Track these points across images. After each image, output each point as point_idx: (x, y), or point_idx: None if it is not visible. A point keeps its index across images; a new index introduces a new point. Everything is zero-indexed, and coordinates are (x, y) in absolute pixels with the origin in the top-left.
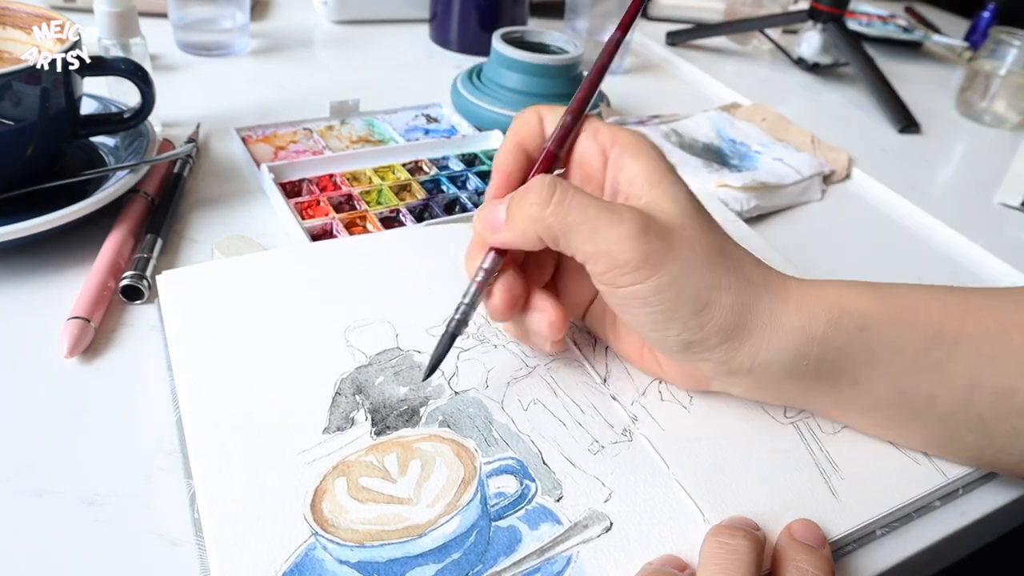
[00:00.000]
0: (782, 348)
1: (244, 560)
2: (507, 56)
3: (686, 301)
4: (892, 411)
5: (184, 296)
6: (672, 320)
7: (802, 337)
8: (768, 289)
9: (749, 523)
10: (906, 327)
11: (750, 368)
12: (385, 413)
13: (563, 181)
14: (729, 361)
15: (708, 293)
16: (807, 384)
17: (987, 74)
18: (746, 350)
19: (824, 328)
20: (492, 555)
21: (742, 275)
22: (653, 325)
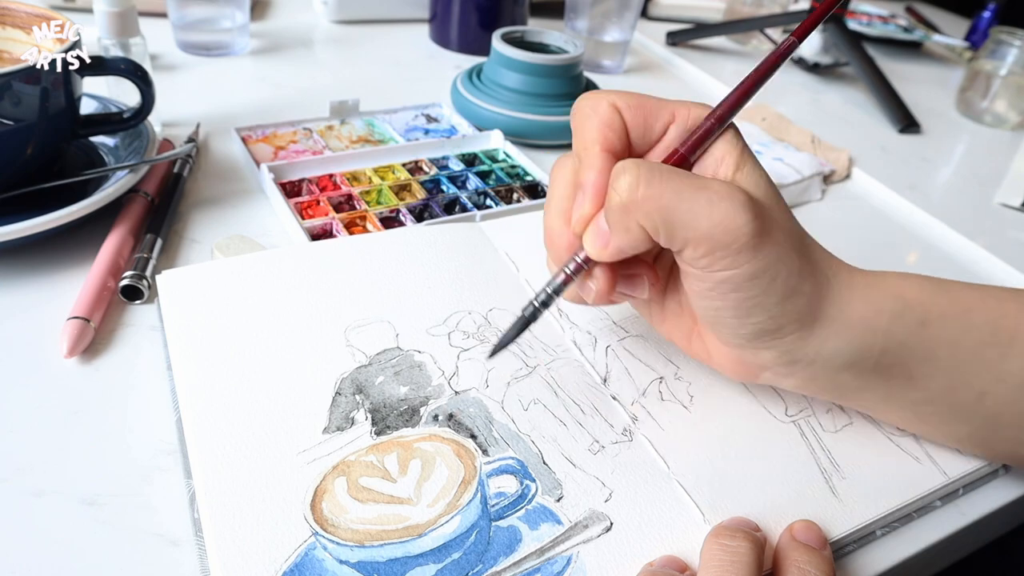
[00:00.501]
0: (849, 339)
1: (244, 560)
2: (507, 56)
3: (777, 287)
4: (940, 407)
5: (184, 296)
6: (758, 307)
7: (868, 329)
8: (838, 279)
9: (749, 524)
10: (964, 323)
11: (813, 359)
12: (385, 413)
13: (645, 162)
14: (795, 351)
15: (795, 280)
16: (864, 377)
17: (988, 74)
18: (815, 340)
19: (888, 321)
20: (492, 555)
21: (816, 262)
22: (736, 312)
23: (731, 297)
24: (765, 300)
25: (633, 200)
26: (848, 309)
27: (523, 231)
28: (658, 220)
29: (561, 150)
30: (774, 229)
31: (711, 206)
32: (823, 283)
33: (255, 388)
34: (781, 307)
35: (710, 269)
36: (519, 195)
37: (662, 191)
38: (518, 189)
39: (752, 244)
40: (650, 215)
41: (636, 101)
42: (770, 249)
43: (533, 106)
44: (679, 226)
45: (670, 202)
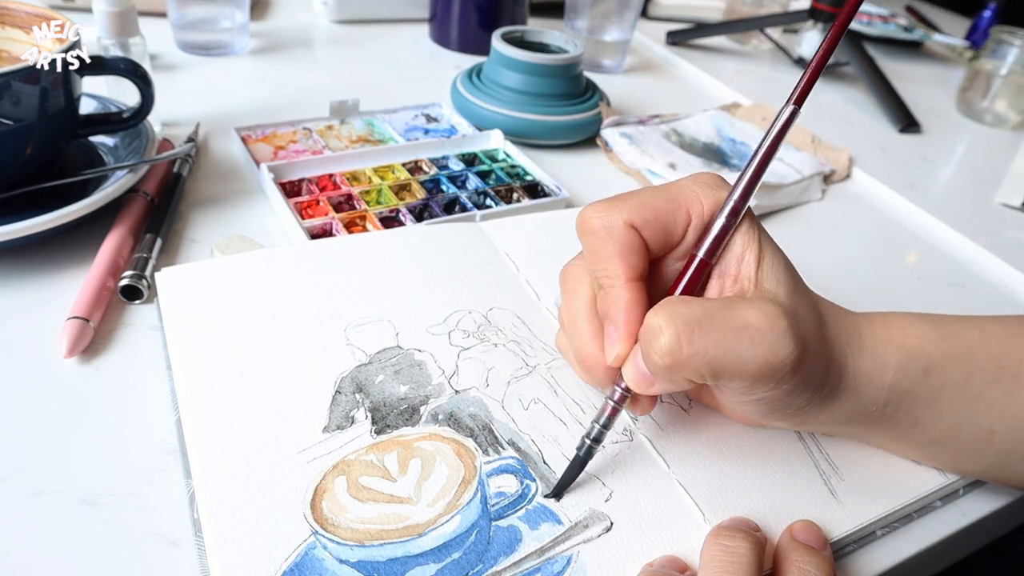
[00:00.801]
0: (856, 400)
1: (244, 560)
2: (507, 56)
3: (806, 393)
4: (949, 447)
5: (183, 295)
6: (789, 407)
7: (873, 386)
8: (847, 342)
9: (750, 524)
10: (968, 365)
11: (823, 421)
12: (385, 412)
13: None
14: (807, 422)
15: (820, 380)
16: (869, 426)
17: (988, 74)
18: (827, 411)
19: (893, 375)
20: (492, 555)
21: (829, 337)
22: (763, 414)
23: (763, 404)
24: (794, 402)
25: (678, 360)
26: (856, 375)
27: (523, 231)
28: (706, 373)
29: (561, 149)
30: (810, 341)
31: (755, 347)
32: (835, 356)
33: (255, 387)
34: (807, 399)
35: (749, 393)
36: (519, 195)
37: (705, 346)
38: (518, 189)
39: (794, 370)
40: (697, 370)
41: (651, 214)
42: (807, 366)
43: (533, 106)
44: (726, 374)
45: (715, 355)
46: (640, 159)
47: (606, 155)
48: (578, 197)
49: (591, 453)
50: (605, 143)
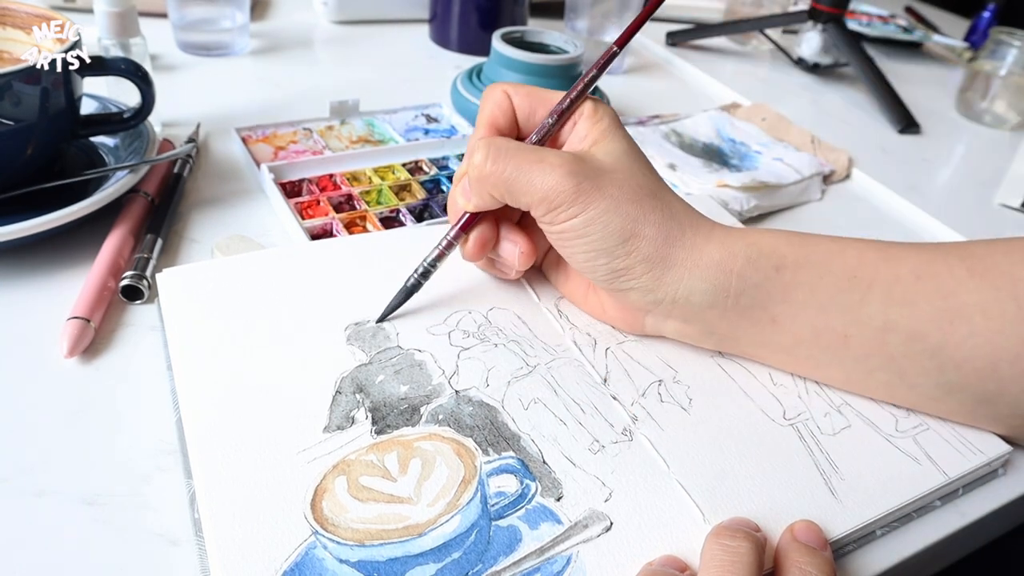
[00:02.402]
0: (703, 278)
1: (244, 560)
2: (507, 56)
3: (612, 232)
4: (810, 349)
5: (184, 295)
6: (600, 250)
7: (721, 270)
8: (693, 227)
9: (750, 524)
10: (821, 269)
11: (674, 298)
12: (385, 412)
13: (496, 139)
14: (655, 289)
15: (632, 225)
16: (730, 319)
17: (987, 74)
18: (670, 278)
19: (742, 264)
20: (492, 554)
21: (669, 213)
22: (585, 256)
23: (577, 243)
24: (604, 244)
25: (483, 173)
26: (699, 252)
27: None
28: (503, 189)
29: None
30: (608, 186)
31: (543, 175)
32: (673, 230)
33: (255, 387)
34: (622, 248)
35: (553, 223)
36: None
37: (505, 166)
38: None
39: (580, 200)
40: (496, 185)
41: (526, 91)
42: (599, 203)
43: None
44: (520, 193)
45: (511, 175)
46: None
47: None
48: None
49: (417, 287)
50: None
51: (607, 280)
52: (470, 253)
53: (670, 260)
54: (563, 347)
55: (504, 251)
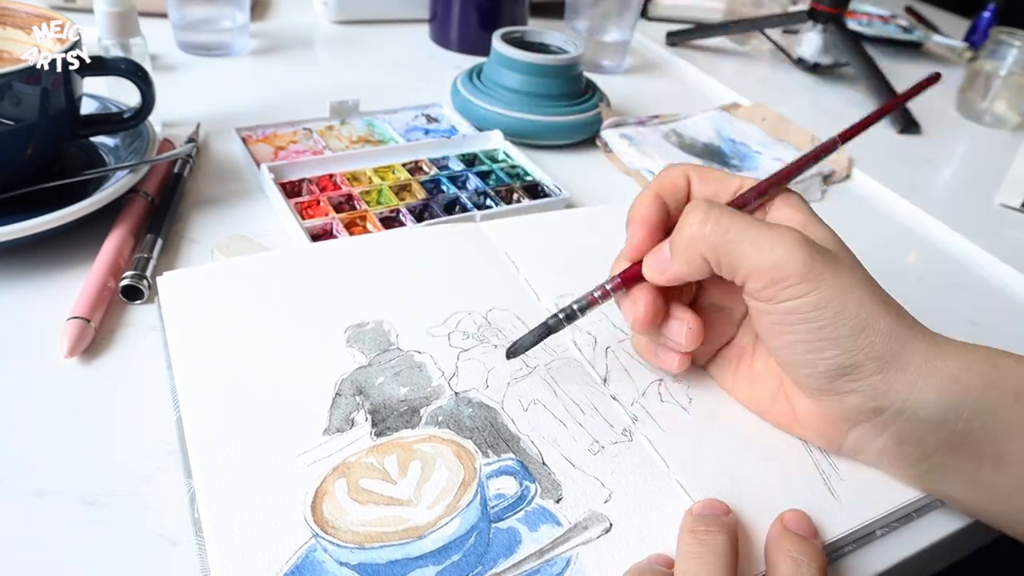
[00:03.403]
0: (937, 390)
1: (244, 560)
2: (507, 56)
3: (846, 319)
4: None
5: (184, 297)
6: (828, 340)
7: (959, 385)
8: (921, 331)
9: (719, 508)
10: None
11: (901, 408)
12: (385, 414)
13: (717, 203)
14: (882, 396)
15: (867, 315)
16: (951, 446)
17: (987, 74)
18: (901, 384)
19: (980, 383)
20: (492, 557)
21: (896, 308)
22: (807, 345)
23: (800, 329)
24: (835, 332)
25: (701, 232)
26: (934, 360)
27: (523, 231)
28: (721, 252)
29: (561, 150)
30: (839, 266)
31: (772, 242)
32: (902, 328)
33: (255, 389)
34: (854, 341)
35: (775, 300)
36: (519, 195)
37: (729, 227)
38: (518, 189)
39: (813, 275)
40: (714, 247)
41: (711, 175)
42: (833, 280)
43: (533, 106)
44: (741, 258)
45: (734, 237)
46: (640, 160)
47: (606, 156)
48: (578, 197)
49: (557, 327)
50: (605, 144)
51: (826, 379)
52: (641, 320)
53: (902, 363)
54: (563, 347)
55: (671, 329)
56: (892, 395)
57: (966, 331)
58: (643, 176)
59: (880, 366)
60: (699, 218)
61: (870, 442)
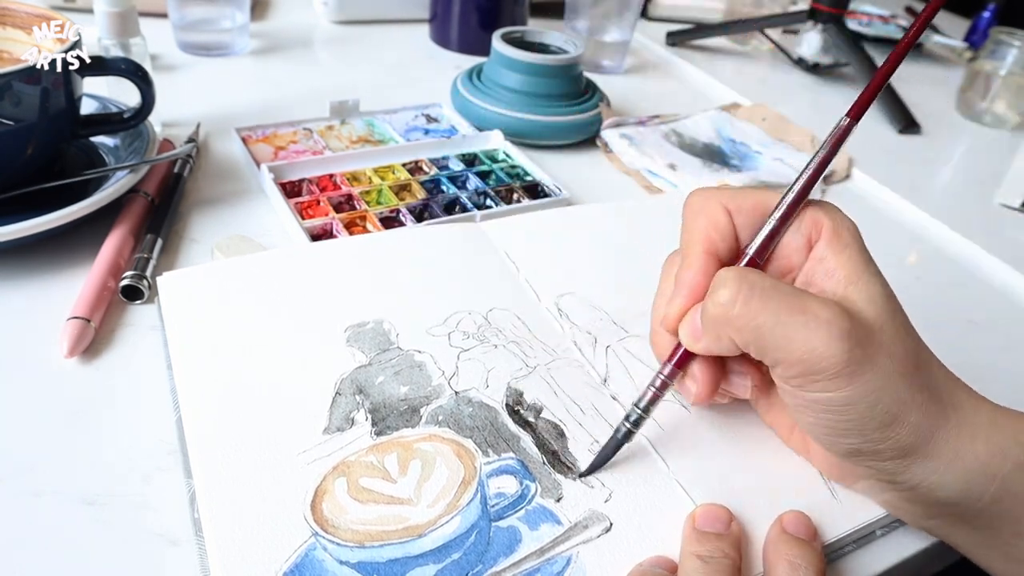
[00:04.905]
0: (959, 477)
1: (244, 560)
2: (507, 56)
3: (875, 416)
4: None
5: (184, 296)
6: (853, 431)
7: (983, 474)
8: (957, 412)
9: (724, 518)
10: None
11: (914, 486)
12: (385, 413)
13: (750, 274)
14: (896, 475)
15: (898, 408)
16: (967, 520)
17: (987, 74)
18: (919, 469)
19: (1010, 469)
20: (492, 555)
21: (934, 390)
22: (829, 431)
23: (825, 418)
24: (862, 426)
25: (728, 315)
26: (964, 448)
27: (523, 231)
28: (750, 338)
29: (561, 150)
30: (879, 355)
31: (807, 331)
32: (937, 416)
33: (255, 388)
34: (880, 434)
35: (803, 389)
36: (519, 195)
37: (759, 311)
38: (518, 189)
39: (848, 371)
40: (742, 332)
41: (751, 203)
42: (870, 378)
43: (533, 106)
44: (771, 347)
45: (764, 323)
46: (640, 160)
47: (606, 156)
48: (578, 197)
49: (629, 436)
50: (605, 144)
51: (843, 455)
52: (702, 398)
53: (925, 452)
54: (563, 347)
55: (733, 386)
56: (908, 476)
57: (965, 331)
58: (643, 176)
59: (901, 454)
60: (728, 298)
61: (880, 494)
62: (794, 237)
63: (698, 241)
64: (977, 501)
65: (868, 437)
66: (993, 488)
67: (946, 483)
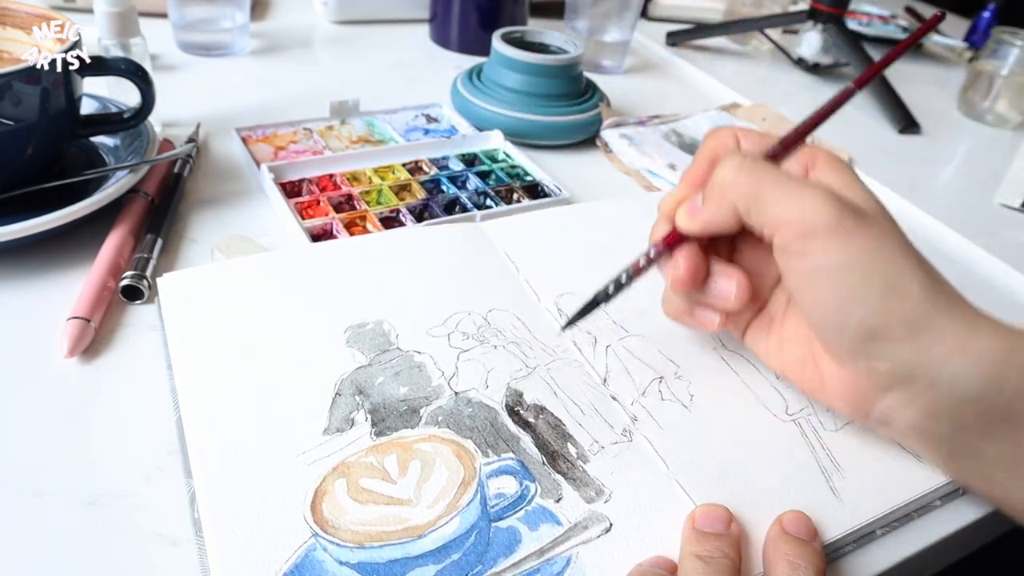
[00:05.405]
0: (976, 363)
1: (244, 560)
2: (507, 56)
3: (875, 278)
4: None
5: (184, 297)
6: (857, 300)
7: (999, 360)
8: (959, 302)
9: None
10: None
11: (934, 379)
12: (385, 414)
13: (754, 155)
14: (913, 363)
15: (897, 276)
16: (986, 426)
17: (989, 74)
18: (936, 353)
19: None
20: (492, 556)
21: (931, 273)
22: (836, 304)
23: (828, 287)
24: (863, 291)
25: (734, 179)
26: (975, 332)
27: (523, 231)
28: (751, 200)
29: (561, 150)
30: (871, 224)
31: (803, 192)
32: (938, 293)
33: (255, 388)
34: (883, 302)
35: (803, 255)
36: (519, 195)
37: (762, 176)
38: (518, 189)
39: (843, 229)
40: (745, 195)
41: (756, 136)
42: (864, 238)
43: (533, 106)
44: (770, 206)
45: (766, 185)
46: (640, 160)
47: (606, 156)
48: (578, 197)
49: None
50: (605, 144)
51: (855, 341)
52: (681, 279)
53: (938, 331)
54: (563, 348)
55: (718, 287)
56: (925, 365)
57: None
58: (643, 176)
59: (911, 331)
60: (734, 166)
61: (899, 413)
62: (792, 165)
63: (706, 152)
64: (998, 396)
65: (872, 306)
66: (1013, 378)
67: (965, 373)
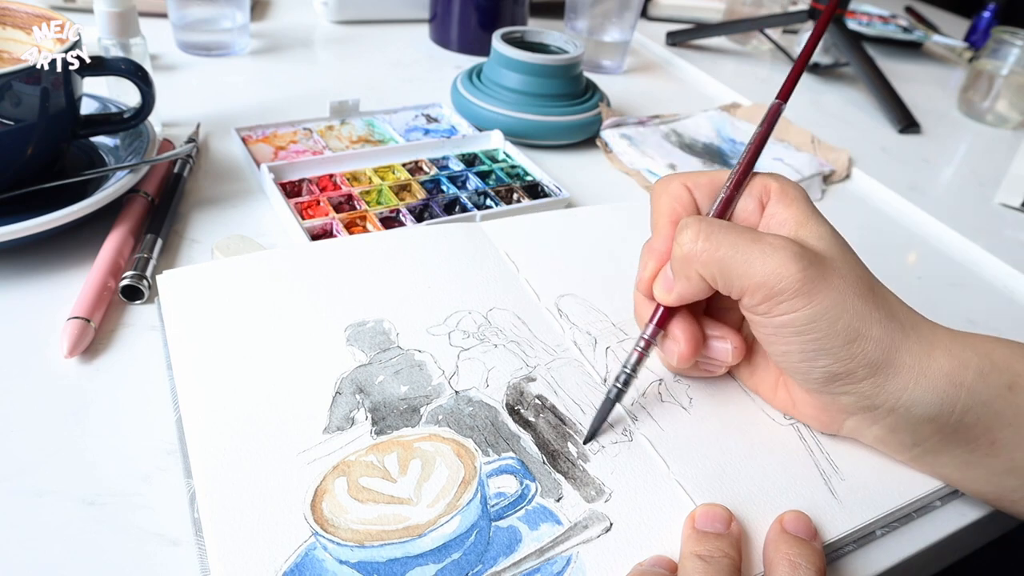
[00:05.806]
0: (929, 389)
1: (244, 560)
2: (507, 56)
3: (838, 331)
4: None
5: (184, 296)
6: (822, 351)
7: (950, 383)
8: (916, 330)
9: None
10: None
11: (893, 407)
12: (385, 412)
13: (708, 218)
14: (874, 396)
15: (859, 323)
16: (944, 435)
17: (989, 74)
18: (892, 386)
19: (973, 377)
20: (492, 555)
21: (890, 311)
22: (802, 356)
23: (795, 341)
24: (828, 344)
25: (693, 251)
26: (927, 360)
27: (523, 231)
28: (715, 270)
29: (561, 150)
30: (832, 276)
31: (764, 256)
32: (895, 331)
33: (255, 388)
34: (847, 351)
35: (769, 315)
36: (519, 195)
37: (719, 244)
38: (518, 189)
39: (806, 290)
40: (708, 265)
41: (706, 180)
42: (827, 294)
43: (533, 106)
44: (735, 275)
45: (726, 254)
46: (640, 160)
47: (606, 156)
48: (578, 197)
49: (620, 396)
50: (605, 144)
51: (821, 384)
52: (685, 357)
53: (895, 366)
54: (563, 347)
55: (714, 351)
56: (884, 396)
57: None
58: (643, 176)
59: (872, 371)
60: (690, 237)
61: (865, 430)
62: (747, 201)
63: (664, 214)
64: (951, 414)
65: (837, 355)
66: (963, 397)
67: (920, 399)
